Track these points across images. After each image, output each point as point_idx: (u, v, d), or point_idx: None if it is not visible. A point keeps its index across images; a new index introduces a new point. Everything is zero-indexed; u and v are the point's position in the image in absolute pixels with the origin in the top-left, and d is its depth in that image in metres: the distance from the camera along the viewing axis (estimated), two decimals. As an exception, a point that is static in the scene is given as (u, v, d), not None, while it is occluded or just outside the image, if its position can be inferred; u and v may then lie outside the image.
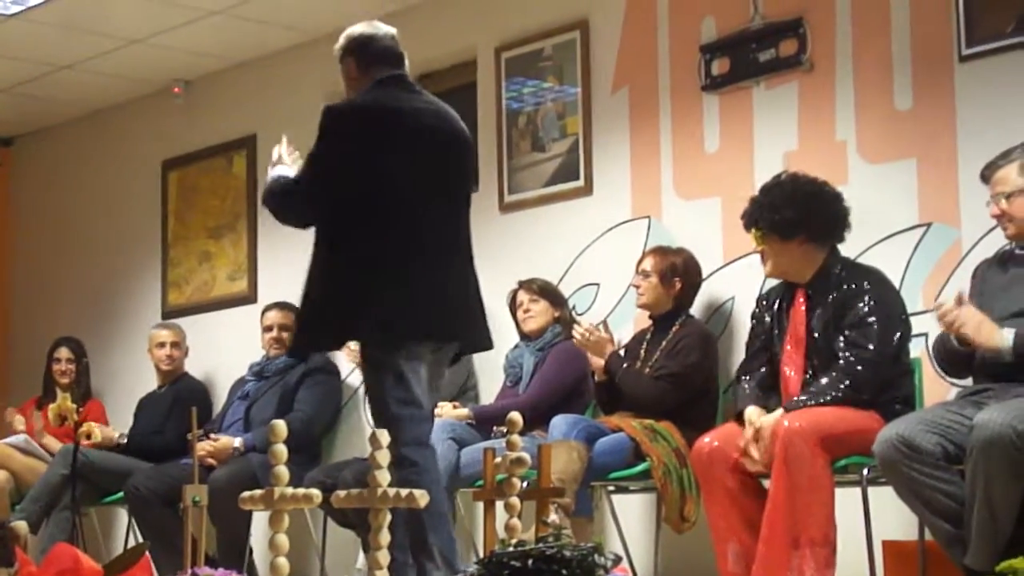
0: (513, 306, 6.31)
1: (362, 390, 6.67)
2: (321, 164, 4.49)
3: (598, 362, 5.72)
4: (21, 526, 3.84)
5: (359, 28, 4.62)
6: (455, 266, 4.58)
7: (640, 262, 5.85)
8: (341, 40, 4.65)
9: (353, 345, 5.27)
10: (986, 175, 4.59)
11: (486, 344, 4.74)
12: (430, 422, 4.65)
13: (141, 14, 7.29)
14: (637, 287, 5.83)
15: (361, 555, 6.15)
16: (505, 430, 5.75)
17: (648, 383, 5.61)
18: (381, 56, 4.58)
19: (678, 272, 5.77)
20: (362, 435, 6.98)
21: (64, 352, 8.15)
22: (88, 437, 6.81)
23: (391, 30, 4.65)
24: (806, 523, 4.51)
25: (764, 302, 5.13)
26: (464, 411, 6.17)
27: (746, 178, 5.77)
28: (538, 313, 6.22)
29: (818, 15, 5.74)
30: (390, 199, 4.43)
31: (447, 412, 6.12)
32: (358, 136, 4.42)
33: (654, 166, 6.24)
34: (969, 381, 4.62)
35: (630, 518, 5.91)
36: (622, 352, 5.81)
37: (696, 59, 6.08)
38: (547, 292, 6.26)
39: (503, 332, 6.45)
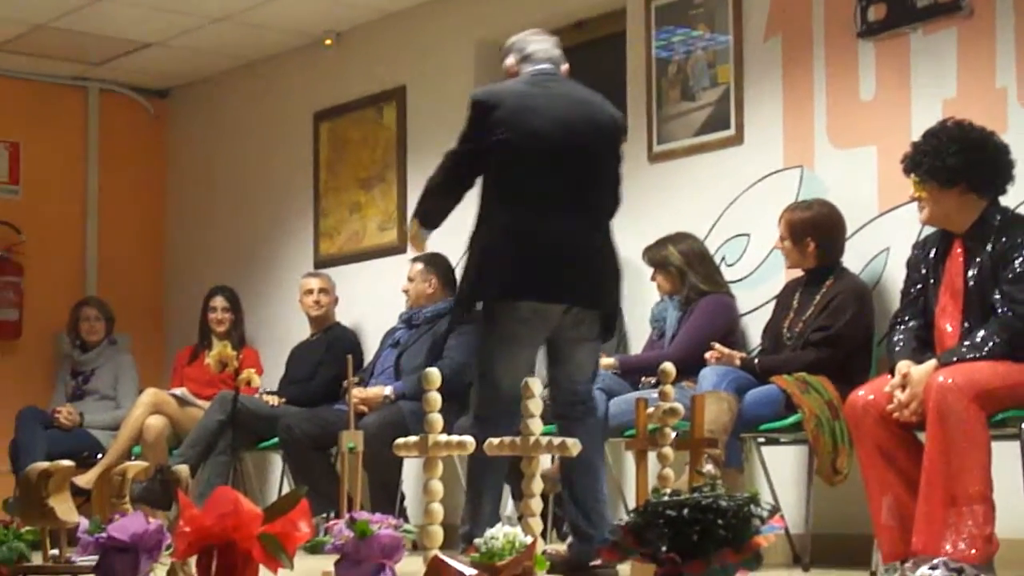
0: None
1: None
2: (464, 143, 5.10)
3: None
4: (183, 470, 3.92)
5: (527, 35, 5.25)
6: (578, 237, 4.98)
7: (779, 221, 5.81)
8: (508, 42, 5.28)
9: None
10: None
11: (606, 305, 5.05)
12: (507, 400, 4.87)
13: (294, -34, 7.37)
14: (780, 249, 5.82)
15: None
16: (654, 380, 5.78)
17: (798, 358, 5.56)
18: (533, 56, 5.17)
19: (808, 231, 5.71)
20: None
21: (220, 301, 8.30)
22: (248, 384, 6.95)
23: (551, 39, 5.24)
24: (963, 480, 4.41)
25: (920, 250, 5.02)
26: (610, 360, 6.16)
27: (903, 126, 5.67)
28: (662, 282, 6.22)
29: (978, -42, 5.61)
30: (514, 174, 4.97)
31: (593, 362, 6.13)
32: (492, 120, 4.98)
33: (807, 114, 6.15)
34: None
35: (780, 470, 5.87)
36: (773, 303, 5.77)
37: (852, 5, 5.97)
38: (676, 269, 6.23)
39: (650, 285, 6.42)
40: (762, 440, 5.73)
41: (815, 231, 5.73)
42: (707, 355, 5.73)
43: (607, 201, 5.08)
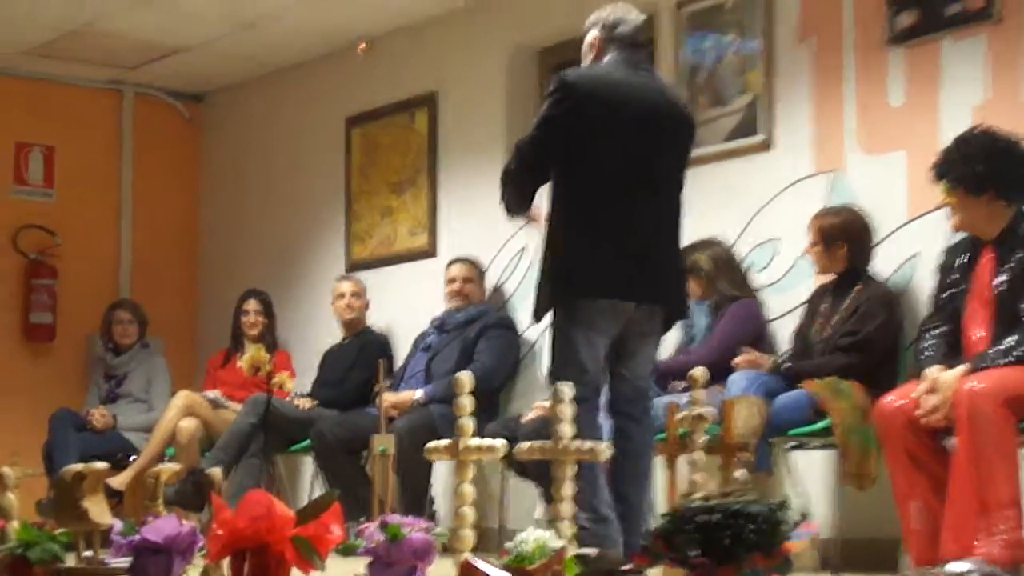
0: None
1: (540, 344, 6.74)
2: (547, 127, 4.86)
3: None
4: (216, 473, 3.96)
5: (614, 10, 5.02)
6: (655, 234, 4.92)
7: (809, 227, 5.82)
8: (595, 15, 5.05)
9: None
10: None
11: (678, 309, 5.05)
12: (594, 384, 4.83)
13: (326, -29, 7.40)
14: (810, 255, 5.83)
15: (540, 505, 6.22)
16: (683, 385, 5.80)
17: (827, 363, 5.56)
18: (622, 38, 4.97)
19: (838, 236, 5.72)
20: (540, 389, 7.02)
21: (253, 304, 8.32)
22: (281, 387, 6.98)
23: (640, 19, 5.02)
24: (994, 485, 4.41)
25: (950, 256, 5.02)
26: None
27: (932, 132, 5.67)
28: (692, 287, 6.23)
29: (1009, -35, 5.60)
30: (599, 164, 4.81)
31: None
32: (581, 103, 4.79)
33: (837, 120, 6.15)
34: None
35: (810, 475, 5.87)
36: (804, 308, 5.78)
37: (882, 12, 5.98)
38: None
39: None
40: (791, 445, 5.73)
41: (846, 236, 5.74)
42: (736, 360, 5.75)
43: (680, 197, 5.03)
